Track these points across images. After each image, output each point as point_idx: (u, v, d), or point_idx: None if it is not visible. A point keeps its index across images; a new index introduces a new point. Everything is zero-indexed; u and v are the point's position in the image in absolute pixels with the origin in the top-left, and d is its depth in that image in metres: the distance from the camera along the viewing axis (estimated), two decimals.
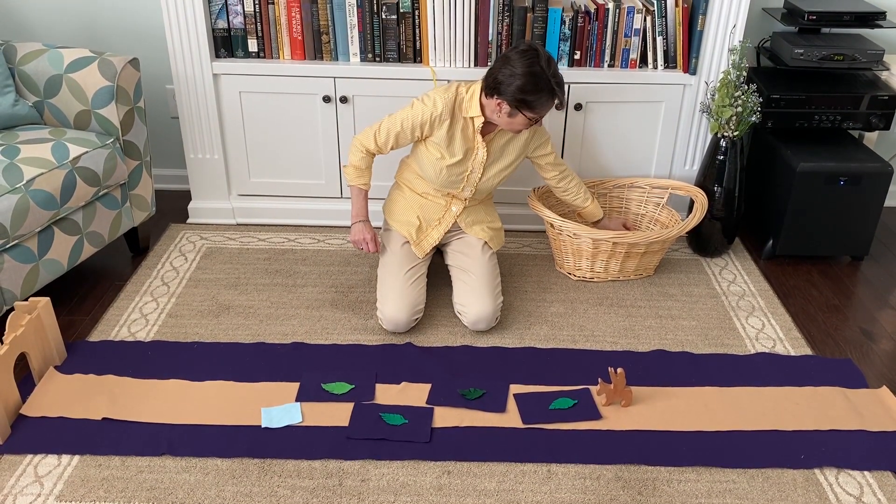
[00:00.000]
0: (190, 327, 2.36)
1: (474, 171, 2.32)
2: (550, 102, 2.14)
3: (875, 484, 1.85)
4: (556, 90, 2.12)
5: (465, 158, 2.30)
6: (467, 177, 2.33)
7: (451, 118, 2.25)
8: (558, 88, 2.12)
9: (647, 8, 2.66)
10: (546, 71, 2.09)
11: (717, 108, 2.58)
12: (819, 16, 2.67)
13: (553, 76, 2.11)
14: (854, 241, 2.77)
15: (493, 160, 2.33)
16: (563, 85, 2.14)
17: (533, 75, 2.08)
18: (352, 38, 2.68)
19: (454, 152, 2.28)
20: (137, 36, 2.99)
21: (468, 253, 2.40)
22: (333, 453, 1.89)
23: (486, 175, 2.35)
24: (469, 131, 2.28)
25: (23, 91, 2.51)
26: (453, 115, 2.25)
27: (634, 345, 2.33)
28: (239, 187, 2.94)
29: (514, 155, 2.36)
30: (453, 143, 2.28)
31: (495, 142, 2.32)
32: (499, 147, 2.33)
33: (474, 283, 2.33)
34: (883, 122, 2.71)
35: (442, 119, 2.24)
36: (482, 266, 2.36)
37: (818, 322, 2.49)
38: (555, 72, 2.11)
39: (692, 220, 2.56)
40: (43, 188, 2.21)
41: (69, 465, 1.84)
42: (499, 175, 2.37)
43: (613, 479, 1.85)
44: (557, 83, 2.12)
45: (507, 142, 2.34)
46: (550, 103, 2.15)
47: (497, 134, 2.31)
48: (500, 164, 2.35)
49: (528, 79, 2.08)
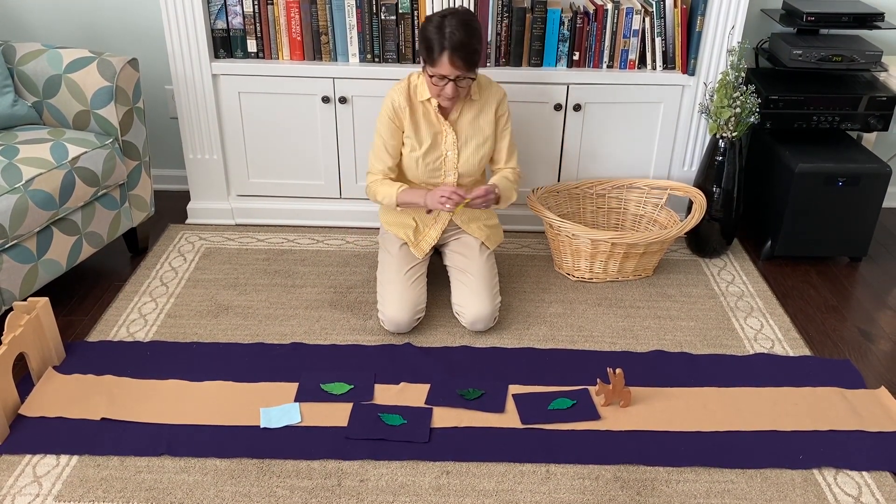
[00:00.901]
0: (189, 328, 2.36)
1: (449, 153, 2.31)
2: (444, 58, 2.08)
3: (873, 484, 1.85)
4: (445, 44, 2.06)
5: (436, 143, 2.30)
6: (444, 161, 2.32)
7: (410, 106, 2.27)
8: (447, 41, 2.05)
9: (645, 9, 2.66)
10: (437, 25, 2.07)
11: (716, 109, 2.58)
12: (817, 17, 2.67)
13: (444, 29, 2.06)
14: (852, 242, 2.77)
15: (464, 139, 2.31)
16: (469, 46, 2.07)
17: (424, 31, 2.10)
18: (351, 38, 2.68)
19: (422, 139, 2.29)
20: (137, 36, 2.99)
21: (466, 253, 2.40)
22: (332, 453, 1.89)
23: (463, 156, 2.32)
24: (430, 116, 2.29)
25: (22, 91, 2.51)
26: (411, 103, 2.27)
27: (633, 345, 2.34)
28: (238, 188, 2.94)
29: (486, 130, 2.32)
30: (419, 130, 2.29)
31: (461, 121, 2.30)
32: (466, 125, 2.30)
33: (472, 283, 2.33)
34: (881, 123, 2.72)
35: (402, 107, 2.26)
36: (480, 266, 2.36)
37: (817, 322, 2.49)
38: (452, 28, 2.06)
39: (691, 221, 2.56)
40: (42, 188, 2.21)
41: (68, 466, 1.84)
42: (476, 153, 2.33)
43: (612, 480, 1.85)
44: (460, 42, 2.05)
45: (474, 118, 2.31)
46: (444, 59, 2.08)
47: (460, 114, 2.30)
48: (475, 142, 2.32)
49: (422, 37, 2.11)
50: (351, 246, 2.83)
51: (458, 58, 2.08)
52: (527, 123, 2.77)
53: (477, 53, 2.13)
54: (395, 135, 2.31)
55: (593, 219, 2.87)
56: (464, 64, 2.09)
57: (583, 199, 2.84)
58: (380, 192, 2.33)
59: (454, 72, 2.10)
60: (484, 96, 2.31)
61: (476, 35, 2.12)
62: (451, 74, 2.11)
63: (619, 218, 2.87)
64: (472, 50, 2.10)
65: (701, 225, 2.69)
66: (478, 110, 2.31)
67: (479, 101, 2.31)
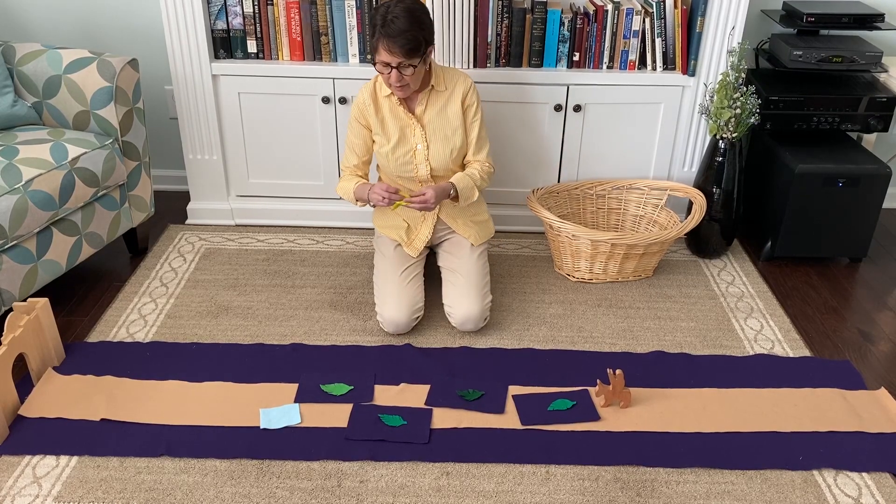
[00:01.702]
0: (188, 328, 2.35)
1: (418, 146, 2.31)
2: (381, 45, 2.08)
3: (873, 485, 1.85)
4: (382, 30, 2.06)
5: (404, 137, 2.30)
6: (414, 154, 2.31)
7: (375, 103, 2.29)
8: (385, 28, 2.06)
9: (645, 9, 2.66)
10: (382, 13, 2.08)
11: (716, 110, 2.58)
12: (818, 17, 2.67)
13: (387, 16, 2.06)
14: (852, 243, 2.77)
15: (432, 132, 2.30)
16: (406, 33, 2.06)
17: (380, 13, 2.10)
18: (351, 39, 2.68)
19: (390, 135, 2.30)
20: (136, 37, 2.99)
21: (456, 253, 2.40)
22: (332, 454, 1.88)
23: (433, 149, 2.31)
24: (397, 110, 2.29)
25: (22, 92, 2.51)
26: (376, 99, 2.29)
27: (633, 346, 2.33)
28: (238, 188, 2.94)
29: (454, 122, 2.30)
30: (386, 126, 2.30)
31: (427, 114, 2.29)
32: (433, 117, 2.29)
33: (461, 283, 2.33)
34: (881, 123, 2.72)
35: (366, 104, 2.29)
36: (470, 266, 2.36)
37: (816, 323, 2.49)
38: (394, 16, 2.06)
39: (691, 222, 2.56)
40: (42, 189, 2.20)
41: (67, 466, 1.84)
42: (446, 145, 2.31)
43: (612, 481, 1.85)
44: (399, 29, 2.05)
45: (441, 110, 2.30)
46: (382, 46, 2.08)
47: (426, 106, 2.29)
48: (443, 134, 2.30)
49: (375, 16, 2.11)
50: (351, 246, 2.83)
51: (395, 44, 2.07)
52: (527, 124, 2.77)
53: (417, 41, 2.10)
54: (360, 133, 2.34)
55: (593, 219, 2.87)
56: (401, 50, 2.08)
57: (583, 199, 2.84)
58: (340, 188, 2.39)
59: (393, 59, 2.09)
60: (450, 87, 2.30)
61: (418, 22, 2.10)
62: (391, 62, 2.10)
63: (619, 219, 2.87)
64: (411, 37, 2.08)
65: (701, 226, 2.69)
66: (444, 101, 2.30)
67: (444, 91, 2.30)
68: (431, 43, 2.18)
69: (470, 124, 2.34)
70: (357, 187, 2.33)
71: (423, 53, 2.14)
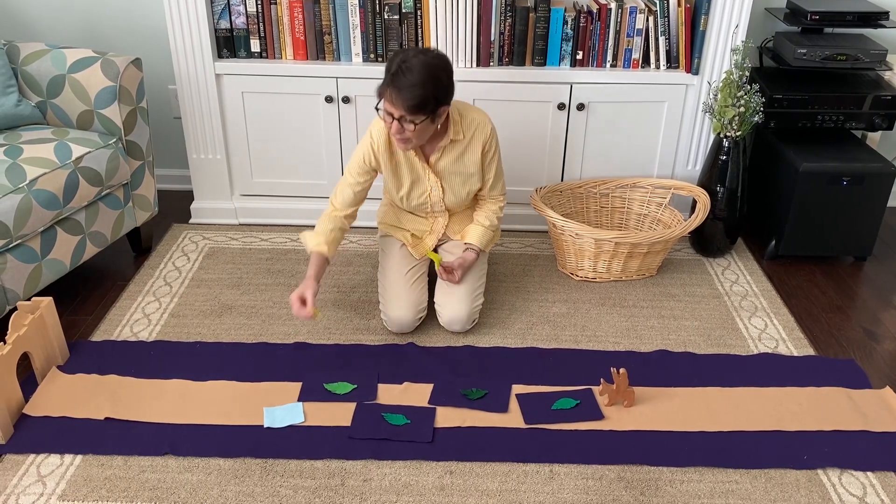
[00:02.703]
0: (192, 327, 2.36)
1: (433, 190, 2.26)
2: (387, 92, 1.99)
3: (878, 484, 1.84)
4: (391, 79, 1.96)
5: (418, 181, 2.25)
6: (429, 196, 2.28)
7: (389, 150, 2.20)
8: (394, 77, 1.96)
9: (649, 8, 2.66)
10: (402, 59, 1.98)
11: (720, 109, 2.58)
12: (822, 16, 2.66)
13: (403, 63, 1.96)
14: (857, 242, 2.76)
15: (448, 179, 2.25)
16: (412, 90, 1.95)
17: (392, 61, 2.00)
18: (354, 38, 2.68)
19: (402, 181, 2.25)
20: (140, 36, 2.99)
21: (456, 253, 2.39)
22: (336, 453, 1.89)
23: (448, 195, 2.28)
24: (412, 158, 2.22)
25: (26, 91, 2.51)
26: (390, 144, 2.19)
27: (637, 345, 2.33)
28: (241, 187, 2.94)
29: (471, 168, 2.25)
30: (399, 171, 2.24)
31: (441, 163, 2.22)
32: (448, 166, 2.23)
33: (454, 284, 2.33)
34: (886, 122, 2.71)
35: (379, 150, 2.19)
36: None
37: (821, 322, 2.49)
38: (409, 66, 1.96)
39: (694, 221, 2.56)
40: (46, 188, 2.21)
41: (72, 465, 1.84)
42: (462, 189, 2.28)
43: (616, 480, 1.84)
44: (408, 83, 1.94)
45: (457, 159, 2.22)
46: (387, 94, 1.99)
47: (442, 155, 2.21)
48: (459, 180, 2.26)
49: (388, 62, 2.02)
50: (354, 246, 2.83)
51: (399, 96, 1.96)
52: (530, 123, 2.77)
53: (425, 99, 1.97)
54: (365, 174, 2.23)
55: (597, 218, 2.87)
56: (404, 104, 1.96)
57: (586, 198, 2.84)
58: (316, 228, 2.26)
59: (395, 110, 1.99)
60: (468, 135, 2.21)
61: (432, 80, 1.97)
62: (393, 113, 2.00)
63: (622, 217, 2.86)
64: (420, 94, 1.96)
65: (705, 224, 2.69)
66: (461, 150, 2.22)
67: (462, 140, 2.20)
68: (445, 103, 2.05)
69: (487, 165, 2.28)
70: (313, 255, 2.21)
71: (433, 112, 2.03)
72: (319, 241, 2.23)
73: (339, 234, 2.27)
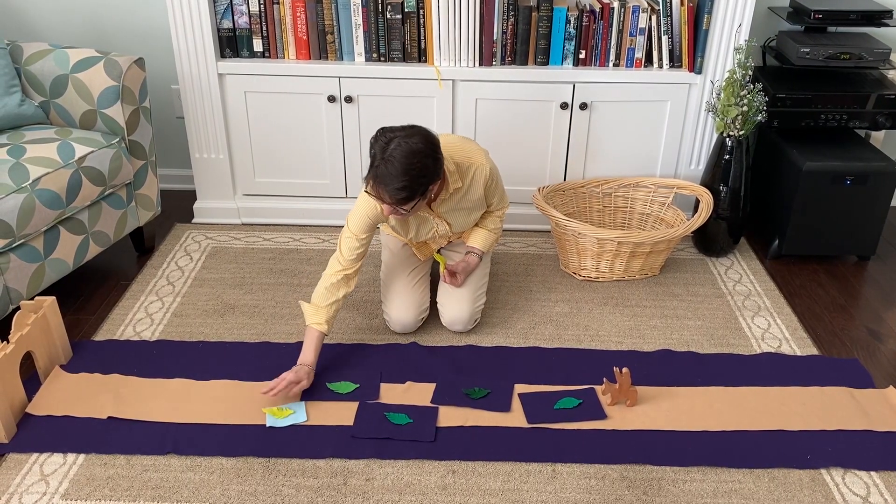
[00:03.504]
0: (195, 327, 2.36)
1: (440, 227, 2.23)
2: (371, 184, 1.91)
3: (882, 484, 1.84)
4: (373, 171, 1.88)
5: (424, 223, 2.22)
6: (436, 231, 2.25)
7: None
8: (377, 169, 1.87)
9: (652, 7, 2.66)
10: (384, 144, 1.88)
11: (723, 108, 2.57)
12: (825, 14, 2.66)
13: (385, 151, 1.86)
14: (860, 241, 2.76)
15: (453, 217, 2.22)
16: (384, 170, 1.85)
17: (377, 148, 1.90)
18: (357, 37, 2.68)
19: (408, 229, 2.23)
20: (143, 36, 3.00)
21: (459, 253, 2.39)
22: (338, 452, 1.89)
23: (455, 225, 2.26)
24: None
25: (29, 91, 2.52)
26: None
27: (640, 344, 2.33)
28: (244, 187, 2.94)
29: (475, 203, 2.22)
30: (405, 223, 2.21)
31: (443, 207, 2.18)
32: (452, 208, 2.20)
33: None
34: (889, 121, 2.70)
35: (377, 219, 2.10)
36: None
37: (824, 322, 2.48)
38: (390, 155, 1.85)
39: (697, 220, 2.55)
40: (49, 188, 2.21)
41: (74, 464, 1.85)
42: (469, 217, 2.26)
43: (619, 479, 1.84)
44: (384, 161, 1.85)
45: (459, 201, 2.18)
46: (375, 191, 1.91)
47: (443, 202, 2.16)
48: (463, 215, 2.24)
49: (374, 148, 1.91)
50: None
51: (385, 192, 1.89)
52: (533, 122, 2.77)
53: (410, 191, 1.88)
54: (368, 229, 2.11)
55: (599, 217, 2.86)
56: (391, 199, 1.89)
57: (589, 197, 2.84)
58: (316, 298, 2.12)
59: (383, 202, 1.93)
60: (467, 181, 2.15)
61: (416, 172, 1.86)
62: (383, 200, 1.93)
63: (625, 217, 2.86)
64: (402, 188, 1.86)
65: (708, 224, 2.68)
66: (462, 194, 2.17)
67: (462, 187, 2.15)
68: (433, 183, 1.95)
69: (489, 194, 2.25)
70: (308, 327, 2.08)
71: (423, 196, 1.95)
72: (320, 321, 2.07)
73: (340, 305, 2.13)
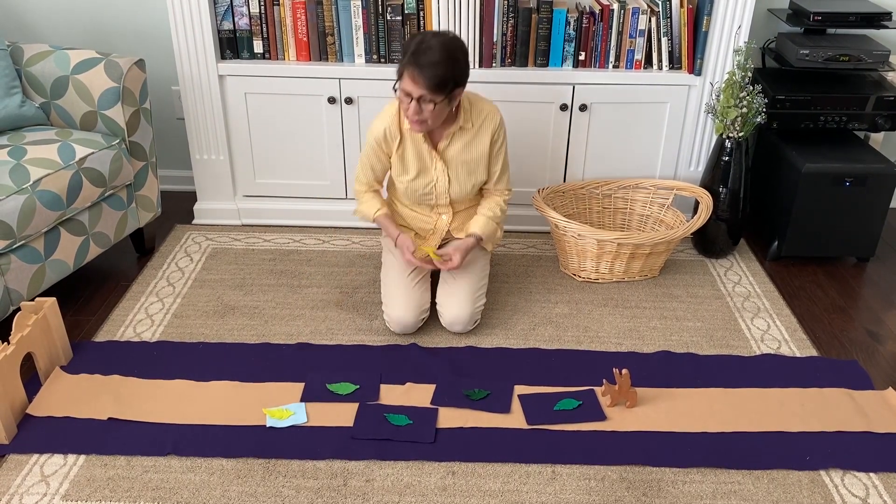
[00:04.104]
0: (195, 328, 2.36)
1: (439, 179, 2.27)
2: (407, 72, 2.01)
3: (881, 486, 1.84)
4: (412, 58, 1.99)
5: (425, 170, 2.26)
6: (435, 186, 2.28)
7: (401, 135, 2.22)
8: (414, 56, 1.99)
9: (651, 9, 2.66)
10: (418, 40, 2.03)
11: (723, 109, 2.58)
12: (824, 16, 2.66)
13: (421, 45, 2.00)
14: (860, 242, 2.76)
15: (455, 168, 2.26)
16: (433, 68, 1.98)
17: (411, 42, 2.04)
18: (357, 39, 2.69)
19: (409, 167, 2.26)
20: (143, 37, 3.00)
21: None
22: (338, 453, 1.89)
23: (454, 184, 2.28)
24: (419, 144, 2.22)
25: (29, 92, 2.52)
26: (401, 132, 2.22)
27: (639, 346, 2.33)
28: (244, 188, 2.94)
29: (478, 158, 2.26)
30: (406, 157, 2.25)
31: (450, 150, 2.24)
32: (456, 154, 2.24)
33: (456, 284, 2.33)
34: (889, 122, 2.71)
35: (393, 136, 2.21)
36: (467, 269, 2.35)
37: (824, 323, 2.49)
38: (427, 46, 2.00)
39: (697, 221, 2.56)
40: (49, 189, 2.21)
41: (75, 465, 1.85)
42: (468, 180, 2.29)
43: (618, 480, 1.84)
44: (428, 62, 1.98)
45: (465, 147, 2.24)
46: (408, 74, 2.01)
47: (450, 142, 2.23)
48: (466, 170, 2.27)
49: (408, 43, 2.06)
50: (357, 246, 2.83)
51: (421, 75, 1.99)
52: (532, 124, 2.77)
53: (445, 78, 2.01)
54: (381, 159, 2.29)
55: (599, 219, 2.87)
56: (426, 83, 1.99)
57: (589, 199, 2.84)
58: (362, 204, 2.38)
59: (416, 89, 2.01)
60: (477, 123, 2.23)
61: (451, 60, 2.02)
62: (412, 92, 2.02)
63: (625, 218, 2.86)
64: (440, 73, 1.99)
65: (707, 225, 2.69)
66: (470, 138, 2.24)
67: (471, 129, 2.23)
68: (462, 84, 2.09)
69: (494, 156, 2.30)
70: (379, 216, 2.33)
71: (450, 93, 2.06)
72: (377, 207, 2.34)
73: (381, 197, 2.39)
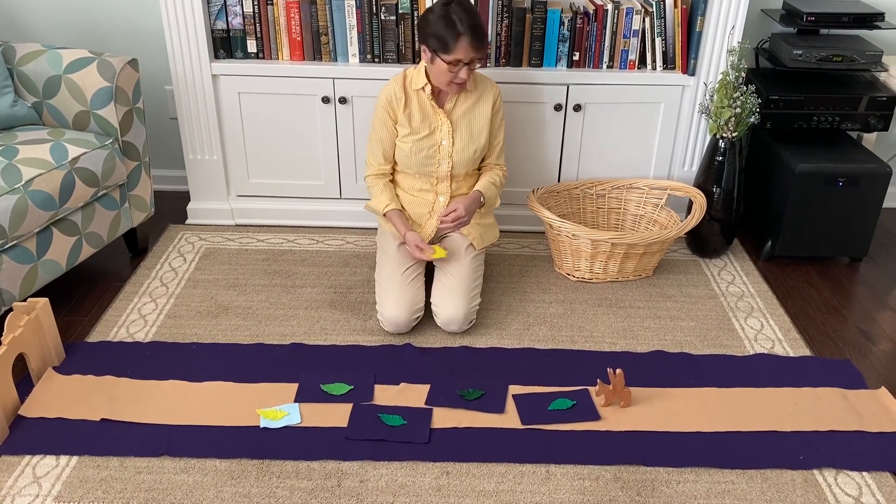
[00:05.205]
0: (188, 328, 2.35)
1: (443, 142, 2.34)
2: (462, 43, 2.15)
3: (874, 485, 1.85)
4: (461, 28, 2.14)
5: (431, 131, 2.34)
6: (439, 149, 2.35)
7: (406, 97, 2.33)
8: (462, 26, 2.14)
9: (645, 9, 2.66)
10: (444, 14, 2.15)
11: (716, 109, 2.58)
12: (818, 17, 2.67)
13: (452, 16, 2.14)
14: (853, 242, 2.77)
15: (460, 128, 2.35)
16: (480, 28, 2.18)
17: (432, 23, 2.17)
18: (351, 38, 2.68)
19: (416, 128, 2.33)
20: (136, 37, 2.99)
21: (452, 251, 2.40)
22: (332, 454, 1.88)
23: (458, 145, 2.35)
24: (426, 105, 2.33)
25: (22, 92, 2.51)
26: (406, 93, 2.33)
27: (633, 345, 2.33)
28: (238, 188, 2.94)
29: (481, 122, 2.37)
30: (413, 119, 2.33)
31: (456, 111, 2.35)
32: (461, 115, 2.35)
33: (451, 284, 2.33)
34: (881, 123, 2.72)
35: (398, 98, 2.32)
36: (462, 268, 2.36)
37: (817, 323, 2.49)
38: (471, 16, 2.16)
39: (691, 221, 2.56)
40: (42, 189, 2.20)
41: (67, 466, 1.84)
42: (471, 144, 2.37)
43: (612, 480, 1.84)
44: (471, 25, 2.15)
45: (470, 109, 2.36)
46: (462, 44, 2.15)
47: (456, 104, 2.34)
48: (469, 132, 2.36)
49: (431, 29, 2.17)
50: (351, 246, 2.83)
51: (474, 39, 2.16)
52: (527, 124, 2.77)
53: (486, 33, 2.23)
54: (388, 126, 2.36)
55: (593, 219, 2.87)
56: (480, 44, 2.18)
57: (583, 199, 2.84)
58: (374, 194, 2.44)
59: (470, 54, 2.17)
60: (480, 88, 2.37)
61: (479, 16, 2.22)
62: (466, 58, 2.18)
63: (619, 218, 2.87)
64: (483, 31, 2.20)
65: (701, 225, 2.69)
66: (474, 101, 2.36)
67: (475, 91, 2.36)
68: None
69: (496, 129, 2.44)
70: (390, 212, 2.38)
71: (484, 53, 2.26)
72: (386, 202, 2.39)
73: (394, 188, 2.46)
